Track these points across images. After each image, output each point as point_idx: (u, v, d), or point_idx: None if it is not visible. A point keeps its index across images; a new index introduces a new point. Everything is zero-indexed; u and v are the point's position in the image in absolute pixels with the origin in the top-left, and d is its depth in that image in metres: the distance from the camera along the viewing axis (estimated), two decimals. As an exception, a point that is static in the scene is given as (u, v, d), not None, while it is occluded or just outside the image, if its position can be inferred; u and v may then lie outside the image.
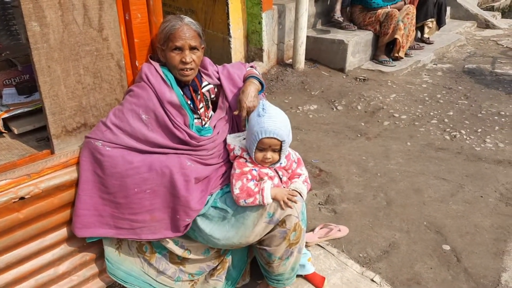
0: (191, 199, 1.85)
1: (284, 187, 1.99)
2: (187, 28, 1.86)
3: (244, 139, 2.00)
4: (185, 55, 1.87)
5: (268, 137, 1.85)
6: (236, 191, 1.87)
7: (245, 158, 1.95)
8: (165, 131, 1.87)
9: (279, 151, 1.92)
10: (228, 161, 2.02)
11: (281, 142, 1.88)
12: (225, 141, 2.02)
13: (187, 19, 1.90)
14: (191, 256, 2.04)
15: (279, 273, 2.01)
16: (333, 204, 2.97)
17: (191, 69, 1.91)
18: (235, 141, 2.00)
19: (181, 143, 1.89)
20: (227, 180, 2.00)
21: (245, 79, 2.09)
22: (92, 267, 2.05)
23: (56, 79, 1.71)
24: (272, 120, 1.86)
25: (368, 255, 2.50)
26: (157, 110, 1.84)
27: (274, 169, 1.99)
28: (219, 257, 2.10)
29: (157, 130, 1.86)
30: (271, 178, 1.94)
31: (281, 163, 2.00)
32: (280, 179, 2.00)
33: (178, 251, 2.01)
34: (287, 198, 1.86)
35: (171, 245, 2.00)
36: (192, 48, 1.89)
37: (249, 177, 1.90)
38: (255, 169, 1.92)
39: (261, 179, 1.93)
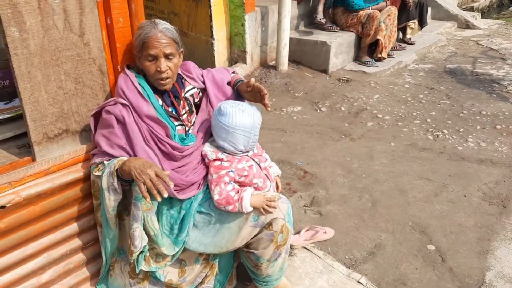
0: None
1: (265, 174, 2.03)
2: (161, 35, 1.80)
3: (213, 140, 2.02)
4: (160, 64, 1.81)
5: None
6: (216, 196, 1.88)
7: (220, 159, 1.94)
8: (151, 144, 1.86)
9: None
10: None
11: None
12: None
13: (162, 25, 1.83)
14: (187, 268, 2.02)
15: (267, 274, 2.00)
16: (319, 206, 2.97)
17: (167, 78, 1.86)
18: (206, 147, 2.00)
19: (165, 156, 1.88)
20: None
21: (234, 84, 2.10)
22: (76, 275, 2.02)
23: (37, 85, 1.68)
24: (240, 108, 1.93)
25: (354, 257, 2.50)
26: (139, 125, 1.83)
27: (250, 157, 2.00)
28: (208, 264, 2.08)
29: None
30: (247, 175, 1.94)
31: (253, 151, 2.04)
32: (259, 165, 2.02)
33: (175, 266, 2.00)
34: (266, 205, 1.86)
35: (170, 265, 1.99)
36: (168, 56, 1.83)
37: (227, 179, 1.90)
38: (231, 170, 1.92)
39: (239, 183, 1.94)
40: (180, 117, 1.98)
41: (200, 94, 2.09)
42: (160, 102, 1.92)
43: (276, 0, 5.03)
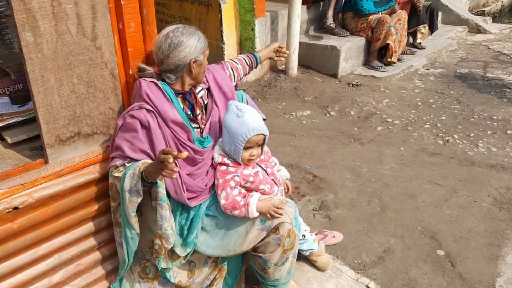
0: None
1: (272, 179, 2.03)
2: None
3: (221, 143, 2.03)
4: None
5: (256, 135, 1.87)
6: (222, 201, 1.89)
7: (226, 164, 1.95)
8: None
9: (262, 145, 1.96)
10: None
11: (265, 136, 1.93)
12: None
13: None
14: (196, 269, 2.04)
15: (275, 278, 2.01)
16: (327, 210, 2.97)
17: None
18: (215, 148, 2.01)
19: (185, 160, 1.89)
20: None
21: (249, 57, 2.38)
22: (87, 277, 2.04)
23: (50, 88, 1.71)
24: (253, 117, 1.89)
25: (363, 261, 2.50)
26: (164, 131, 1.83)
27: (256, 163, 2.01)
28: (216, 266, 2.10)
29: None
30: (253, 181, 1.95)
31: (260, 157, 2.04)
32: (265, 171, 2.03)
33: (185, 267, 2.03)
34: (273, 211, 1.86)
35: (180, 265, 2.01)
36: None
37: (232, 184, 1.91)
38: (237, 175, 1.93)
39: (245, 188, 1.95)
40: (196, 118, 1.99)
41: (207, 94, 2.10)
42: (181, 105, 1.93)
43: (286, 5, 5.05)
